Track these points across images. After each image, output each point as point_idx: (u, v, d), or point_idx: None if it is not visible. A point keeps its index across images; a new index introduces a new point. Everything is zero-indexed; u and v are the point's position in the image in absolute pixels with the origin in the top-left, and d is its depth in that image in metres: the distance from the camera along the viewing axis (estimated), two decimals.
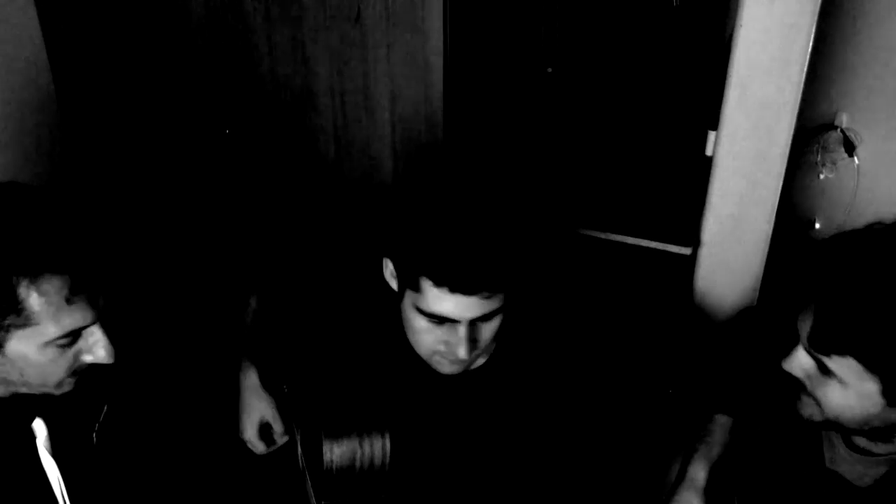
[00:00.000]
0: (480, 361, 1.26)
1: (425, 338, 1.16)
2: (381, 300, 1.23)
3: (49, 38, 1.84)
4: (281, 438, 1.29)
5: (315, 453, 1.23)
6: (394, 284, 1.18)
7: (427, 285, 1.08)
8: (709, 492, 1.21)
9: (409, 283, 1.11)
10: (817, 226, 2.15)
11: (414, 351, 1.21)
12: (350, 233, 1.82)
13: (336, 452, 1.16)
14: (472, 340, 1.13)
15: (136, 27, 1.76)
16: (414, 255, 1.09)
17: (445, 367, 1.19)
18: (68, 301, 0.96)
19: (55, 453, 1.09)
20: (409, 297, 1.13)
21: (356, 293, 1.31)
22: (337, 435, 1.16)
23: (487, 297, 1.08)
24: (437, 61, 1.58)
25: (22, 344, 0.98)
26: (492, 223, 1.09)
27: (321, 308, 1.33)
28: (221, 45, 1.72)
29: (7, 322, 0.96)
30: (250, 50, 1.71)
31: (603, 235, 1.77)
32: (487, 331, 1.15)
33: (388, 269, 1.18)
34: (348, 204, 1.80)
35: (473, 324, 1.12)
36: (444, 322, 1.12)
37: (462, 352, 1.12)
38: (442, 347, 1.16)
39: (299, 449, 1.31)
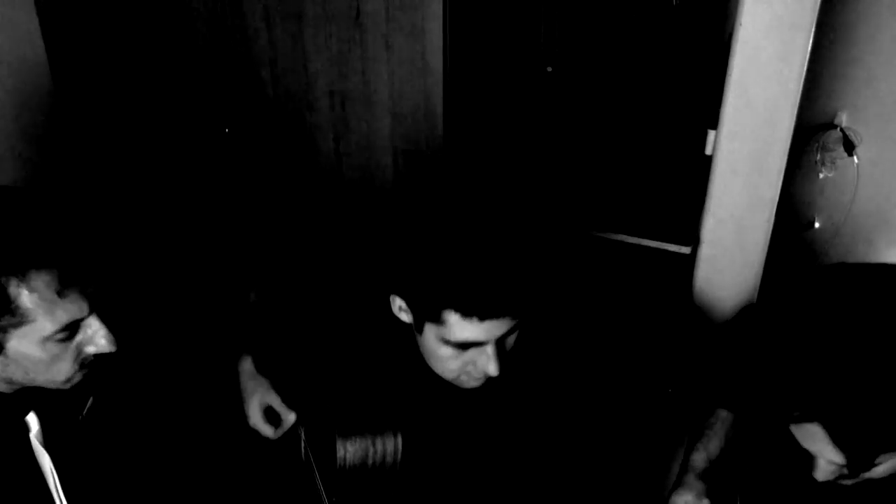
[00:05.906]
0: None
1: (451, 364, 1.15)
2: (388, 321, 1.22)
3: (48, 37, 1.84)
4: (288, 416, 1.27)
5: (322, 450, 1.24)
6: (405, 318, 1.17)
7: (454, 318, 1.07)
8: (710, 486, 1.21)
9: (431, 317, 1.10)
10: (817, 225, 2.15)
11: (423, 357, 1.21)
12: (350, 231, 1.82)
13: (349, 450, 1.17)
14: (500, 355, 1.13)
15: (135, 26, 1.77)
16: (435, 290, 1.08)
17: (471, 384, 1.19)
18: (60, 294, 0.97)
19: (47, 445, 1.09)
20: (430, 329, 1.12)
21: (361, 301, 1.31)
22: (350, 433, 1.17)
23: (515, 315, 1.09)
24: (436, 60, 1.58)
25: (22, 343, 0.99)
26: (509, 244, 1.08)
27: (327, 308, 1.33)
28: (221, 45, 1.72)
29: (3, 323, 0.96)
30: (250, 49, 1.71)
31: (603, 234, 1.77)
32: (511, 342, 1.15)
33: (397, 304, 1.17)
34: (348, 203, 1.80)
35: (499, 340, 1.12)
36: (470, 346, 1.12)
37: (493, 369, 1.12)
38: (470, 368, 1.15)
39: (303, 444, 1.32)
